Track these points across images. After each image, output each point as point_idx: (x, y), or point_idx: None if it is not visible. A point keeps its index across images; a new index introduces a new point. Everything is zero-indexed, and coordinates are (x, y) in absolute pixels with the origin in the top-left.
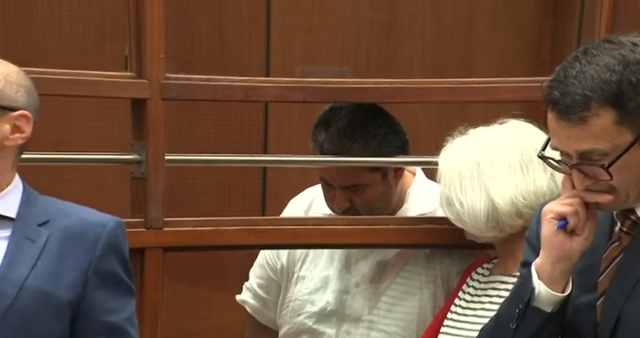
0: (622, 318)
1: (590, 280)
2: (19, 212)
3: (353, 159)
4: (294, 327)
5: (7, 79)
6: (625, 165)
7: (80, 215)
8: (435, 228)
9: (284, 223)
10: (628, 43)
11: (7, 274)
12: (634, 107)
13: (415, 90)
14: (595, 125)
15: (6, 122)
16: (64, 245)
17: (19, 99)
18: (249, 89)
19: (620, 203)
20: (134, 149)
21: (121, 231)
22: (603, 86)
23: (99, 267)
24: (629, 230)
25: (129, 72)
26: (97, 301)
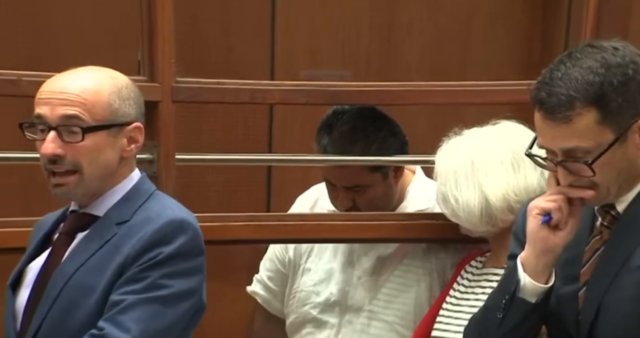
0: (603, 307)
1: (573, 271)
2: (108, 211)
3: (353, 157)
4: (300, 316)
5: (120, 96)
6: (607, 162)
7: (151, 213)
8: (431, 224)
9: (288, 220)
10: (609, 47)
11: (64, 267)
12: (615, 107)
13: (413, 93)
14: (579, 124)
15: (123, 136)
16: (122, 241)
17: (131, 113)
18: (254, 92)
19: (601, 198)
20: (147, 149)
21: (170, 228)
22: (587, 87)
23: (133, 264)
24: (609, 225)
25: (141, 76)
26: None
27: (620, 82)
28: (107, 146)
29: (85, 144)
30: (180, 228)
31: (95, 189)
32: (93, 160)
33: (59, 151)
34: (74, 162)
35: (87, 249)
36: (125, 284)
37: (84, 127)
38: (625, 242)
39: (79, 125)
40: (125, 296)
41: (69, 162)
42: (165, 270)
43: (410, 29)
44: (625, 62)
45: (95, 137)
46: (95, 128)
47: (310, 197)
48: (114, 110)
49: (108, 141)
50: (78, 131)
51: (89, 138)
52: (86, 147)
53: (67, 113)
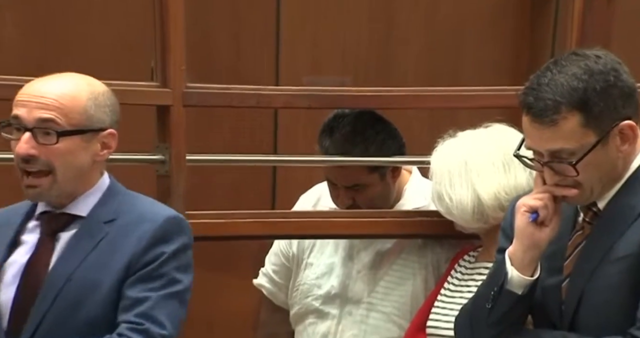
0: (584, 297)
1: (557, 264)
2: (91, 211)
3: (353, 158)
4: (303, 307)
5: (96, 102)
6: (590, 163)
7: (141, 211)
8: (427, 221)
9: (292, 216)
10: (592, 55)
11: (59, 267)
12: (598, 111)
13: (409, 98)
14: (565, 127)
15: (97, 141)
16: (119, 239)
17: (105, 119)
18: (260, 97)
19: (585, 197)
20: (159, 150)
21: (171, 225)
22: (571, 92)
23: (141, 259)
24: (590, 221)
25: (154, 82)
26: (130, 282)
27: (603, 88)
28: (80, 150)
29: (59, 146)
30: (179, 225)
31: (69, 191)
32: (66, 163)
33: (33, 152)
34: (47, 163)
35: (80, 247)
36: (142, 281)
37: (59, 130)
38: (605, 236)
39: (54, 128)
40: (148, 293)
41: (42, 163)
42: (175, 265)
43: (406, 39)
44: (606, 70)
45: (69, 141)
46: (70, 132)
47: (313, 195)
48: (90, 116)
49: (81, 145)
50: (53, 134)
51: (63, 141)
52: (60, 149)
53: (44, 116)
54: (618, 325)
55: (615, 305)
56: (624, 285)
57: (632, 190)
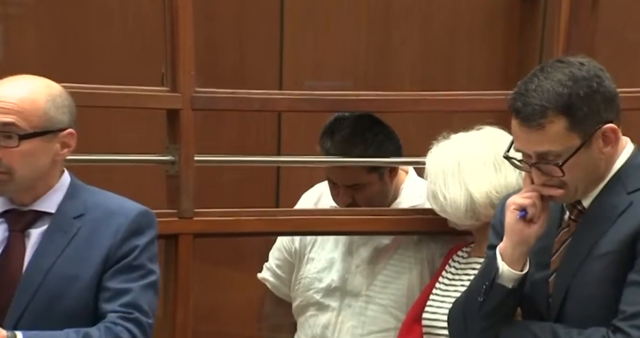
0: (570, 290)
1: (544, 260)
2: (59, 207)
3: (353, 159)
4: (304, 300)
5: (55, 104)
6: (575, 164)
7: (111, 206)
8: (423, 218)
9: (295, 214)
10: (576, 62)
11: (37, 262)
12: (582, 115)
13: (405, 102)
14: (551, 131)
15: (57, 141)
16: (92, 233)
17: (64, 120)
18: (264, 101)
19: (570, 196)
20: (169, 151)
21: (143, 219)
22: (557, 98)
23: (118, 251)
24: (576, 219)
25: (165, 87)
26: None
27: (586, 94)
28: (41, 151)
29: (20, 149)
30: (149, 218)
31: (25, 187)
32: (26, 164)
33: None
34: (7, 165)
35: (55, 242)
36: (121, 273)
37: (20, 133)
38: (589, 233)
39: (15, 132)
40: (129, 284)
41: (2, 166)
42: (148, 255)
43: (403, 46)
44: (590, 76)
45: (30, 143)
46: (31, 135)
47: (314, 194)
48: (49, 118)
49: (42, 146)
50: (14, 137)
51: (24, 144)
52: (21, 152)
53: (4, 120)
54: (602, 317)
55: (599, 298)
56: (606, 280)
57: (614, 191)
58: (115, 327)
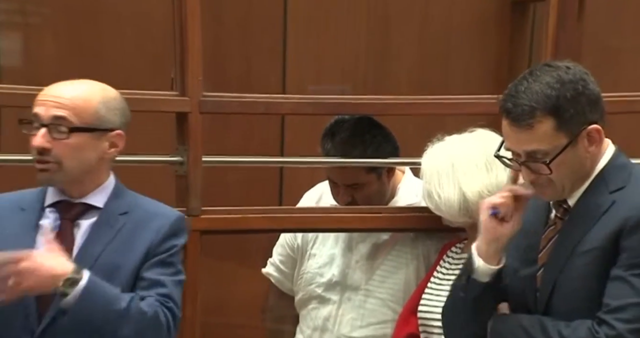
0: (556, 286)
1: (532, 256)
2: (106, 204)
3: (352, 160)
4: (306, 294)
5: (107, 105)
6: (562, 162)
7: (152, 209)
8: (418, 216)
9: (297, 212)
10: (563, 66)
11: (86, 251)
12: (568, 116)
13: (402, 105)
14: (539, 130)
15: (106, 140)
16: (135, 230)
17: (115, 121)
18: (269, 104)
19: (558, 193)
20: (178, 153)
21: (182, 223)
22: (545, 99)
23: (157, 249)
24: (562, 216)
25: (174, 91)
26: (147, 267)
27: (572, 96)
28: (89, 146)
29: (70, 141)
30: (184, 224)
31: (73, 178)
32: (73, 156)
33: (47, 145)
34: (56, 156)
35: (103, 234)
36: (157, 266)
37: (70, 127)
38: (574, 231)
39: (66, 125)
40: (164, 277)
41: (52, 156)
42: (179, 258)
43: (400, 52)
44: (576, 79)
45: (79, 137)
46: (80, 129)
47: (316, 193)
48: (100, 117)
49: (90, 142)
50: (65, 130)
51: (73, 137)
52: (70, 144)
53: (57, 114)
54: (587, 310)
55: (584, 292)
56: (591, 275)
57: (597, 190)
58: (157, 307)
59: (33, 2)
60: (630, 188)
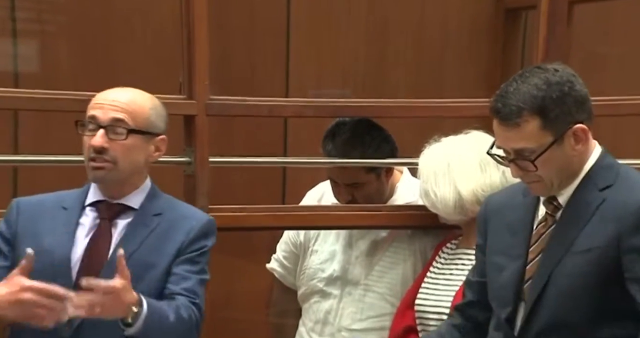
0: (552, 279)
1: (518, 251)
2: (142, 205)
3: (352, 160)
4: (309, 288)
5: (156, 112)
6: (548, 160)
7: (183, 211)
8: (416, 214)
9: (299, 210)
10: (551, 69)
11: (123, 248)
12: (554, 116)
13: (400, 108)
14: (526, 129)
15: (152, 144)
16: (168, 230)
17: (161, 126)
18: (272, 107)
19: (547, 189)
20: (186, 154)
21: (212, 226)
22: (532, 100)
23: (188, 248)
24: (552, 213)
25: (182, 95)
26: (177, 270)
27: (558, 96)
28: (140, 148)
29: (126, 142)
30: (214, 226)
31: (123, 179)
32: (127, 156)
33: (106, 145)
34: (113, 155)
35: (137, 233)
36: (185, 263)
37: (128, 128)
38: (568, 228)
39: (124, 127)
40: (190, 274)
41: (109, 155)
42: (206, 259)
43: (397, 57)
44: (562, 81)
45: (134, 138)
46: (136, 131)
47: (318, 192)
48: (151, 122)
49: (141, 144)
50: (123, 132)
51: (130, 138)
52: (126, 145)
53: (116, 116)
54: (581, 306)
55: (581, 290)
56: (591, 274)
57: (587, 188)
58: (187, 309)
59: (49, 11)
60: (617, 186)
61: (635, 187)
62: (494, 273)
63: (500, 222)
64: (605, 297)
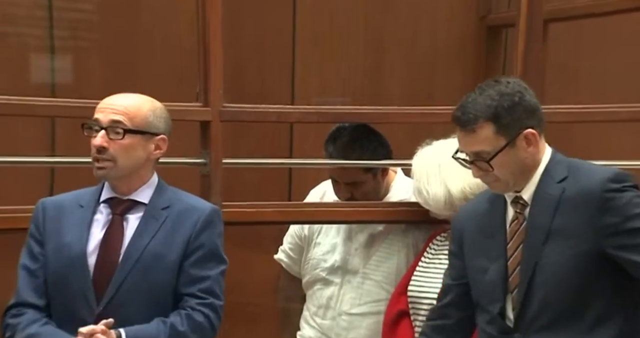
0: (538, 268)
1: (497, 251)
2: (151, 199)
3: (352, 161)
4: (312, 277)
5: (155, 113)
6: (502, 161)
7: (190, 202)
8: (409, 210)
9: (304, 207)
10: (504, 81)
11: (136, 242)
12: (506, 122)
13: (395, 114)
14: (482, 134)
15: (152, 143)
16: (176, 222)
17: (160, 127)
18: (279, 114)
19: (505, 187)
20: (202, 155)
21: (216, 215)
22: (486, 109)
23: (197, 238)
24: (521, 211)
25: (198, 103)
26: (192, 262)
27: (509, 105)
28: (139, 147)
29: (124, 142)
30: (219, 214)
31: (125, 175)
32: (126, 154)
33: (105, 144)
34: (112, 154)
35: (149, 227)
36: (201, 262)
37: (125, 129)
38: (540, 219)
39: (122, 127)
40: (207, 272)
41: (109, 154)
42: (219, 243)
43: (392, 68)
44: (513, 92)
45: (132, 138)
46: (133, 131)
47: (320, 190)
48: (149, 122)
49: (141, 143)
50: (120, 132)
51: (127, 138)
52: (124, 144)
53: (114, 118)
54: (567, 288)
55: (564, 273)
56: (572, 257)
57: (546, 183)
58: (193, 313)
59: (82, 29)
60: (572, 177)
61: (588, 174)
62: (478, 275)
63: (474, 228)
64: (587, 277)
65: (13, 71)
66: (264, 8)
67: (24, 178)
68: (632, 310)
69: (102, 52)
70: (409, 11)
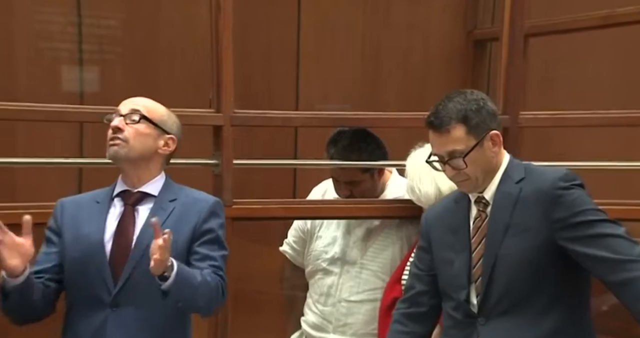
0: (498, 258)
1: (462, 245)
2: (160, 192)
3: (351, 162)
4: (314, 267)
5: (170, 116)
6: (473, 158)
7: (194, 195)
8: (403, 206)
9: (308, 203)
10: (468, 91)
11: (146, 230)
12: (475, 123)
13: (391, 119)
14: (455, 134)
15: (162, 139)
16: (182, 212)
17: (172, 128)
18: (285, 119)
19: (473, 186)
20: (214, 157)
21: (218, 206)
22: (457, 112)
23: (202, 225)
24: (483, 210)
25: (211, 109)
26: (200, 243)
27: (476, 109)
28: (150, 136)
29: (138, 126)
30: (221, 206)
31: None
32: (137, 138)
33: (122, 125)
34: (126, 135)
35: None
36: (207, 243)
37: (141, 115)
38: (500, 214)
39: (139, 114)
40: (213, 253)
41: (124, 135)
42: (222, 232)
43: (388, 77)
44: (477, 98)
45: (146, 126)
46: (149, 119)
47: (322, 188)
48: (164, 121)
49: (153, 134)
50: (137, 118)
51: (142, 124)
52: (138, 129)
53: (134, 107)
54: (526, 275)
55: (523, 262)
56: (529, 248)
57: (506, 183)
58: (213, 277)
59: (108, 43)
60: (528, 178)
61: (542, 176)
62: (445, 267)
63: (441, 226)
64: (540, 266)
65: (47, 82)
66: (271, 23)
67: (55, 177)
68: (578, 299)
69: (125, 64)
70: (403, 27)
